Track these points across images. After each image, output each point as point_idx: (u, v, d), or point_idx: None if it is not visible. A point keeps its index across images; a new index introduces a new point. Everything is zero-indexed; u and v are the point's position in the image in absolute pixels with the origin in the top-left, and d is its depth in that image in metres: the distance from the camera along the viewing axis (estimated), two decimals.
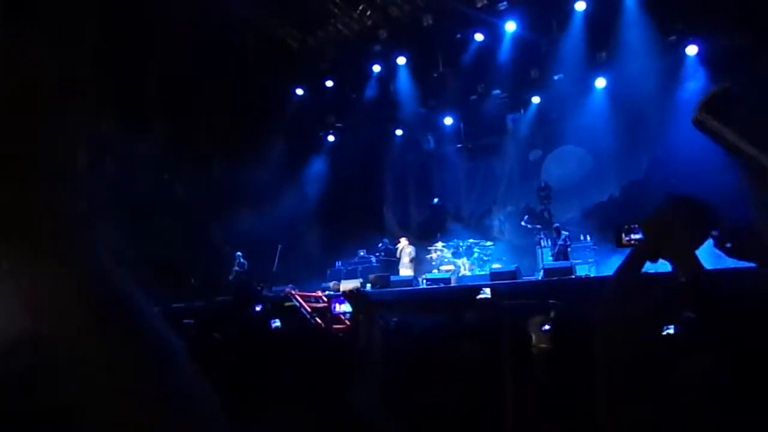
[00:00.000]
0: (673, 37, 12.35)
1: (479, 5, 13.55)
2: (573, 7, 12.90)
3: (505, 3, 13.42)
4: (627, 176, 13.77)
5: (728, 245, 1.69)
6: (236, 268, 13.77)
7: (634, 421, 1.92)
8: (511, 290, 8.91)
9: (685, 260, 1.40)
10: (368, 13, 14.88)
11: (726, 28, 11.36)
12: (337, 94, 16.33)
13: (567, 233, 11.82)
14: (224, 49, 14.21)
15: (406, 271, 13.14)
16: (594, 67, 13.29)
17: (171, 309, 11.27)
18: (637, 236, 1.71)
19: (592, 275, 10.42)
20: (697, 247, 1.40)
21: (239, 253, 13.92)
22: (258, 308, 7.99)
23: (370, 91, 15.89)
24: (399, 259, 13.57)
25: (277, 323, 5.83)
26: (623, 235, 1.88)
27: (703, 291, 1.37)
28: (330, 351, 2.66)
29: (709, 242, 1.65)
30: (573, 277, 10.05)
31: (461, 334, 2.35)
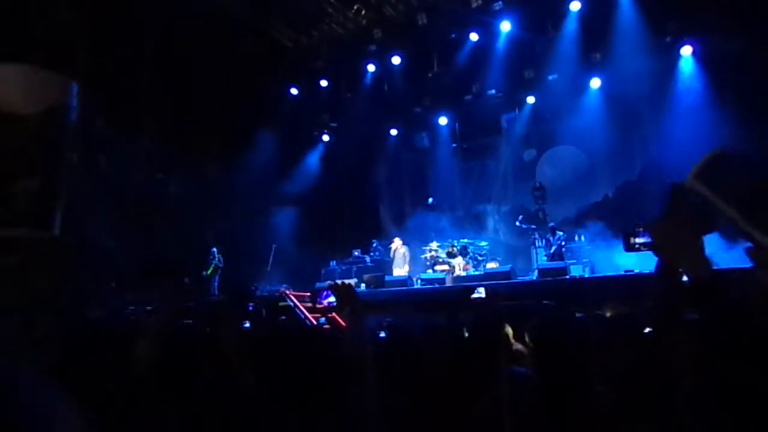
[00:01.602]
0: (667, 38, 12.36)
1: (474, 5, 13.54)
2: (568, 8, 12.90)
3: (500, 3, 13.40)
4: (622, 176, 13.80)
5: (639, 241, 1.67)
6: (216, 263, 13.70)
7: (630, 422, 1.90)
8: (505, 291, 8.90)
9: (693, 258, 1.35)
10: (363, 12, 14.84)
11: (721, 28, 11.39)
12: (331, 94, 16.28)
13: (562, 233, 11.84)
14: (219, 48, 14.16)
15: (399, 271, 13.14)
16: (589, 68, 13.28)
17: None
18: (644, 239, 1.67)
19: (586, 276, 10.42)
20: (702, 235, 1.37)
21: (215, 248, 13.86)
22: (250, 307, 7.95)
23: (365, 90, 15.84)
24: (393, 258, 13.56)
25: (246, 324, 5.73)
26: (631, 239, 1.84)
27: (709, 291, 1.30)
28: (318, 351, 2.60)
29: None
30: (567, 277, 10.05)
31: (456, 335, 2.32)
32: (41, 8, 11.19)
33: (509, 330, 2.28)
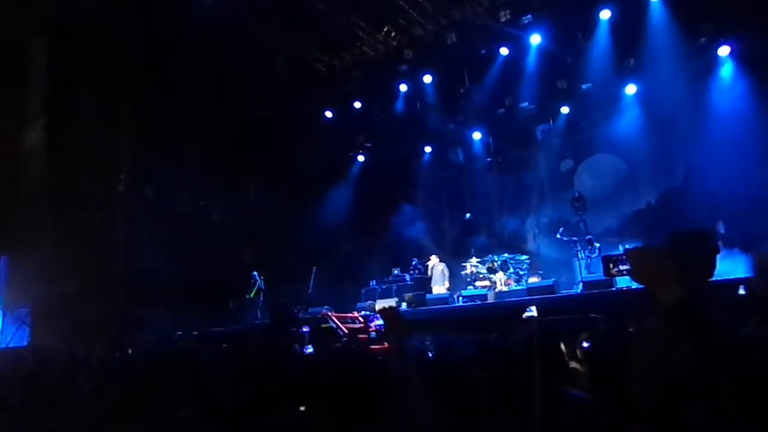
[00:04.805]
0: (703, 39, 12.10)
1: (503, 19, 13.58)
2: (598, 16, 12.81)
3: (529, 16, 13.40)
4: (664, 183, 13.42)
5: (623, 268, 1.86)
6: (259, 285, 14.00)
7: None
8: (550, 305, 8.76)
9: (664, 285, 1.58)
10: (393, 34, 15.09)
11: (760, 26, 11.09)
12: (365, 115, 16.52)
13: (599, 245, 11.62)
14: (256, 73, 14.55)
15: (439, 288, 13.10)
16: (623, 74, 13.10)
17: (211, 333, 11.50)
18: (625, 267, 1.86)
19: (633, 286, 10.17)
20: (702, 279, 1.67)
21: (255, 272, 14.14)
22: (305, 329, 8.03)
23: (398, 110, 16.03)
24: (431, 276, 13.54)
25: (309, 349, 5.80)
26: (611, 265, 2.07)
27: (686, 315, 1.55)
28: (367, 377, 2.65)
29: None
30: (614, 289, 9.82)
31: (507, 355, 2.33)
32: (88, 38, 11.80)
33: (563, 348, 2.28)
